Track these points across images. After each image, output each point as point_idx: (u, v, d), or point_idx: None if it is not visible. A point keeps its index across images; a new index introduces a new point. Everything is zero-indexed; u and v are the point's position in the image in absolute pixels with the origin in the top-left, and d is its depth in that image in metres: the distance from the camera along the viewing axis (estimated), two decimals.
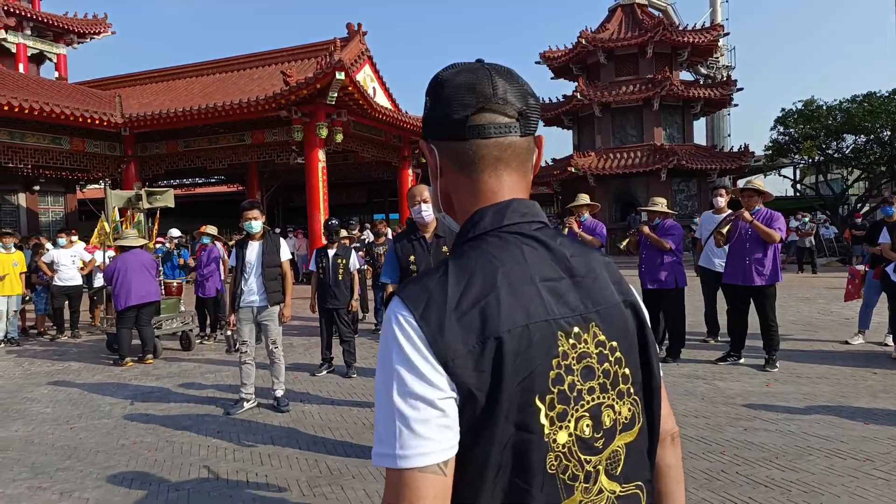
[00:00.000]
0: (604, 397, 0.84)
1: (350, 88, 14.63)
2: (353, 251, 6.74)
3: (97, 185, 24.06)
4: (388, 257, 3.78)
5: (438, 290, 0.79)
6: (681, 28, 23.28)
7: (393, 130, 18.94)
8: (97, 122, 15.23)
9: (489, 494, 0.77)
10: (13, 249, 8.85)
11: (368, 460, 3.91)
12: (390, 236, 9.40)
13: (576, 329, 0.83)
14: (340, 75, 14.04)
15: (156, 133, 17.12)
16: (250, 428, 4.64)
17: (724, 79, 24.76)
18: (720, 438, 4.05)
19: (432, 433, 0.74)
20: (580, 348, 0.82)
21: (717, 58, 30.23)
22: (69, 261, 9.17)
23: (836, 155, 23.45)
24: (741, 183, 6.16)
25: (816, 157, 23.13)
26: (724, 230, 6.02)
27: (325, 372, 6.30)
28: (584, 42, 22.36)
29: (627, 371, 0.87)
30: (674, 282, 6.30)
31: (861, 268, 7.12)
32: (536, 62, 24.39)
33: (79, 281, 9.30)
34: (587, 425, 0.82)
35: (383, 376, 0.78)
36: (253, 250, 5.10)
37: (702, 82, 24.75)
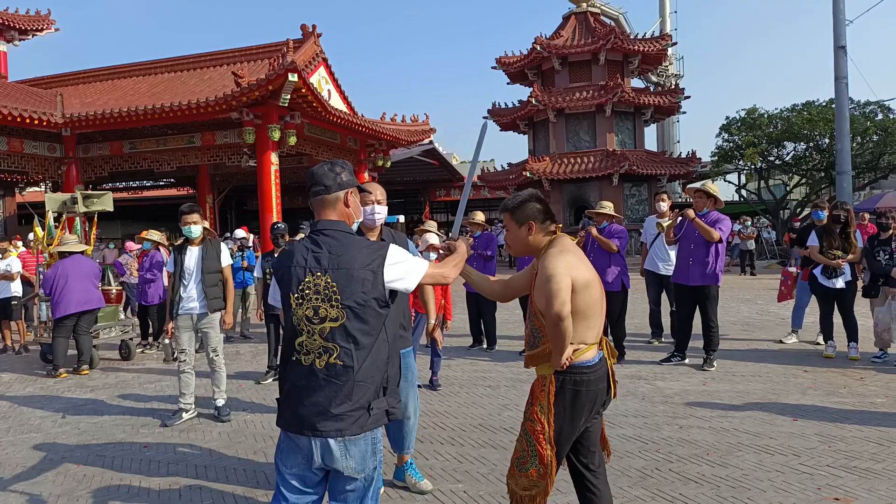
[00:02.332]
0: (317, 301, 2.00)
1: (303, 90, 14.44)
2: None
3: (38, 188, 23.07)
4: None
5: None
6: (632, 37, 23.92)
7: (348, 133, 18.80)
8: (35, 121, 14.59)
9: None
10: None
11: None
12: None
13: (318, 273, 2.01)
14: (293, 77, 13.84)
15: (99, 134, 16.52)
16: (188, 439, 4.50)
17: (673, 86, 25.55)
18: (656, 437, 4.16)
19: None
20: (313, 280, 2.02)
21: (667, 66, 31.22)
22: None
23: (777, 161, 24.47)
24: (697, 185, 6.39)
25: (759, 164, 24.08)
26: (666, 224, 6.20)
27: (270, 380, 6.18)
28: (538, 48, 22.70)
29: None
30: (619, 284, 6.45)
31: (793, 270, 7.44)
32: (493, 67, 24.63)
33: (9, 293, 8.81)
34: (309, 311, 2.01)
35: None
36: (192, 256, 4.96)
37: (652, 90, 25.46)
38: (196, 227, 4.90)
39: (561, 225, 2.49)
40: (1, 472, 4.00)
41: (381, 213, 3.25)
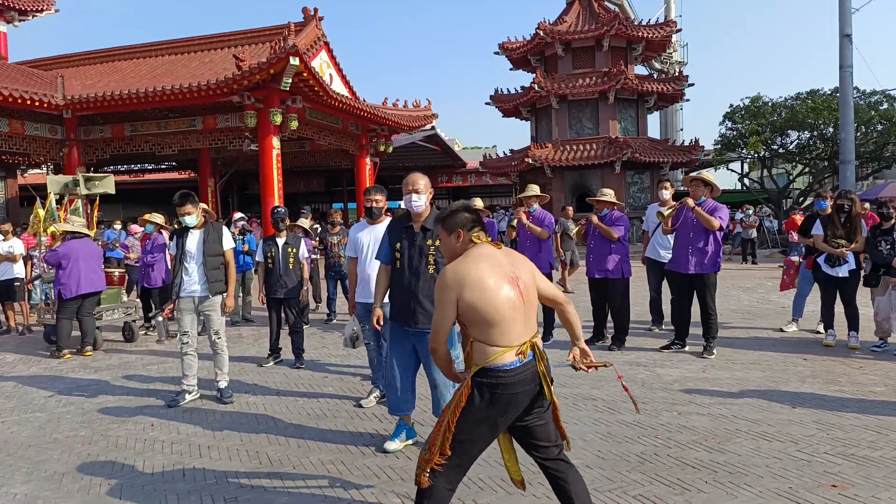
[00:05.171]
0: None
1: (305, 74, 14.37)
2: (302, 240, 6.64)
3: (39, 170, 23.03)
4: (383, 238, 3.86)
5: None
6: (636, 23, 23.70)
7: (350, 118, 18.72)
8: (36, 103, 14.54)
9: None
10: None
11: (311, 450, 3.88)
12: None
13: None
14: (295, 61, 13.77)
15: (100, 116, 16.48)
16: (191, 420, 4.54)
17: (677, 74, 25.36)
18: (655, 423, 4.19)
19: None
20: None
21: (671, 53, 30.97)
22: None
23: (780, 150, 24.36)
24: (694, 174, 6.39)
25: (762, 152, 23.97)
26: (667, 213, 6.19)
27: (272, 363, 6.22)
28: (542, 34, 22.50)
29: None
30: (620, 272, 6.45)
31: (796, 259, 7.45)
32: (496, 52, 24.45)
33: (12, 275, 8.83)
34: None
35: None
36: (194, 239, 4.97)
37: (655, 77, 25.27)
38: (191, 217, 4.91)
39: (482, 234, 2.53)
40: (6, 451, 4.05)
41: (418, 200, 3.60)
